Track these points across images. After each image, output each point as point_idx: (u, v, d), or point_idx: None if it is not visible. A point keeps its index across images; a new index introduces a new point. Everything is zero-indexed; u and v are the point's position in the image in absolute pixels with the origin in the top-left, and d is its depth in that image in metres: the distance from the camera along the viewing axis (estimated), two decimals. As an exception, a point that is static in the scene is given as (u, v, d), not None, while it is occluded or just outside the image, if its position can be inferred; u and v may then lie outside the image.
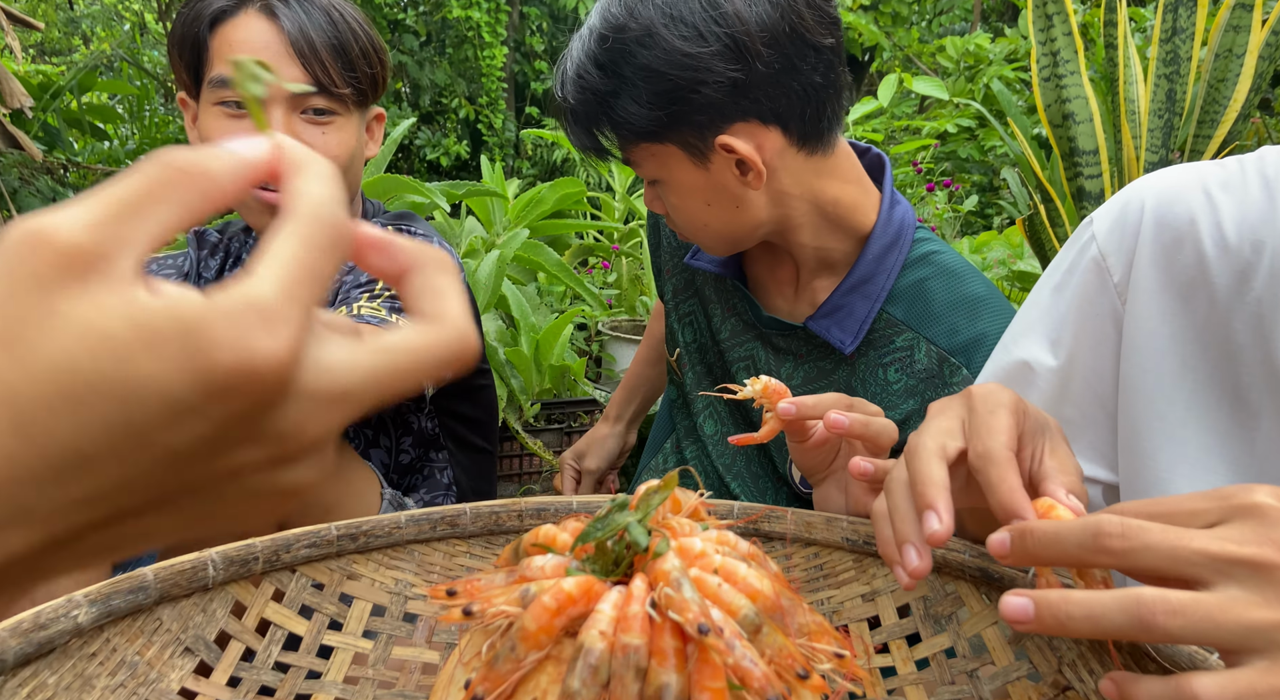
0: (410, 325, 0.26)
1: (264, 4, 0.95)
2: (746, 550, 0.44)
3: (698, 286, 1.10)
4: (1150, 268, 0.65)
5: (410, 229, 1.09)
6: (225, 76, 0.95)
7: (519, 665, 0.37)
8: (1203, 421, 0.62)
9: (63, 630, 0.52)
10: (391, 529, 0.71)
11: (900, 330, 0.94)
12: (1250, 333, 0.60)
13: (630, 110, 0.85)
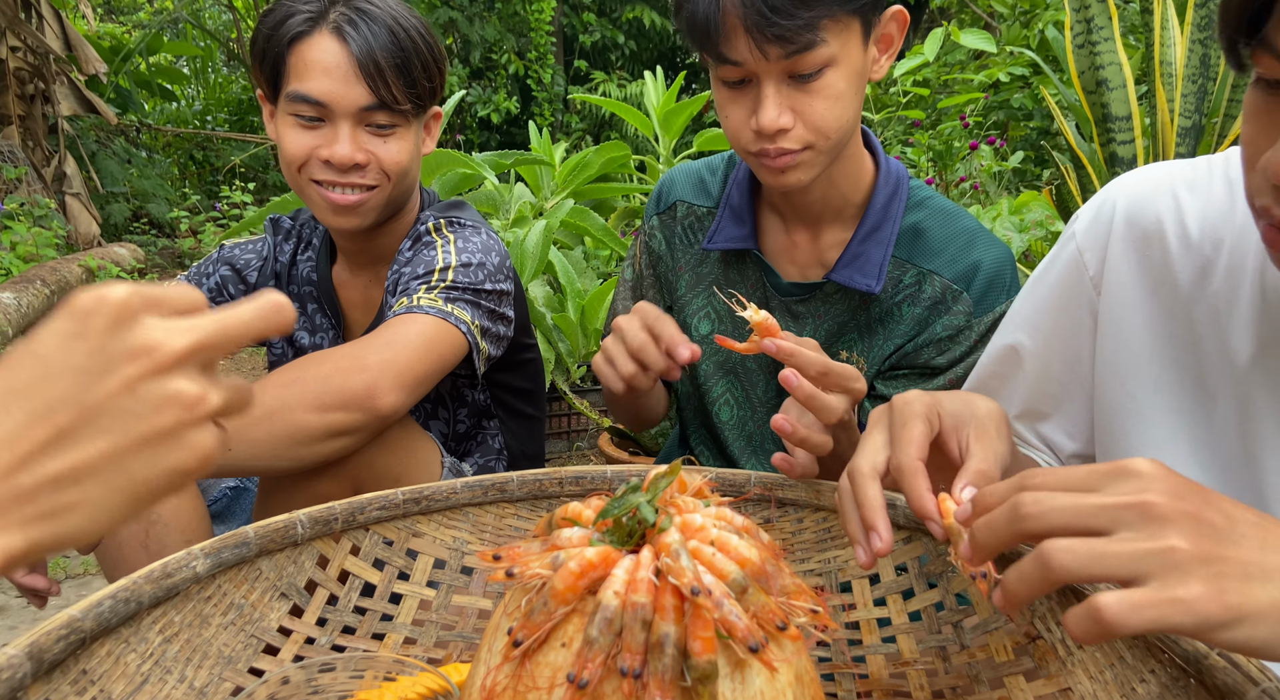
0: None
1: (334, 25, 1.04)
2: (741, 524, 0.53)
3: (711, 277, 1.15)
4: (1122, 262, 0.71)
5: (460, 220, 1.18)
6: (301, 92, 1.05)
7: (550, 617, 0.47)
8: (1168, 401, 0.69)
9: (184, 578, 0.64)
10: (449, 494, 0.81)
11: (906, 268, 1.05)
12: (1209, 323, 0.66)
13: None
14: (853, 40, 0.91)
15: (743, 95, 0.94)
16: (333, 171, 1.08)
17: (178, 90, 7.92)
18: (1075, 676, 0.61)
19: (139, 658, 0.60)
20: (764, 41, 0.86)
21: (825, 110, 0.92)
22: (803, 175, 0.96)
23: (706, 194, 1.15)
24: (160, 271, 5.16)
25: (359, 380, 0.93)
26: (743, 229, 1.09)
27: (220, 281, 1.28)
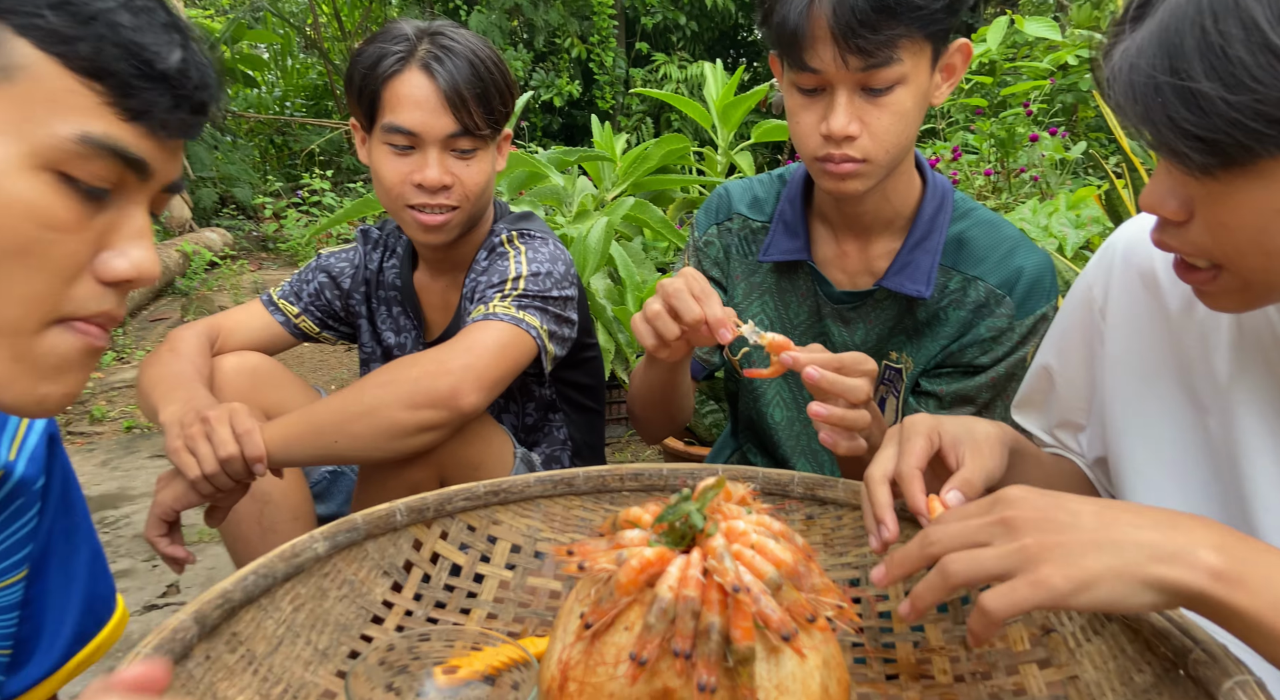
0: None
1: (423, 62, 1.15)
2: (778, 529, 0.61)
3: (767, 288, 1.22)
4: (1123, 296, 0.79)
5: (530, 232, 1.28)
6: (395, 124, 1.16)
7: (616, 605, 0.56)
8: (1167, 417, 0.77)
9: (308, 557, 0.76)
10: (524, 487, 0.92)
11: (952, 275, 1.12)
12: (1197, 347, 0.74)
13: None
14: (923, 63, 0.98)
15: (815, 102, 1.00)
16: (424, 194, 1.19)
17: (259, 76, 8.23)
18: (1082, 666, 0.69)
19: (275, 623, 0.72)
20: (848, 51, 0.93)
21: (890, 124, 0.98)
22: (859, 185, 1.02)
23: (760, 209, 1.22)
24: (246, 255, 5.44)
25: (445, 383, 1.04)
26: (796, 242, 1.16)
27: (319, 287, 1.42)
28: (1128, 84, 0.56)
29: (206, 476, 1.01)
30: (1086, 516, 0.56)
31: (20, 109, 0.50)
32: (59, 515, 0.76)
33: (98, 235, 0.54)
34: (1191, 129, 0.54)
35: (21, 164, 0.50)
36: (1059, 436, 0.93)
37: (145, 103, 0.52)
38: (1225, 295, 0.64)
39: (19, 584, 0.72)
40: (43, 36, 0.49)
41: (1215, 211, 0.58)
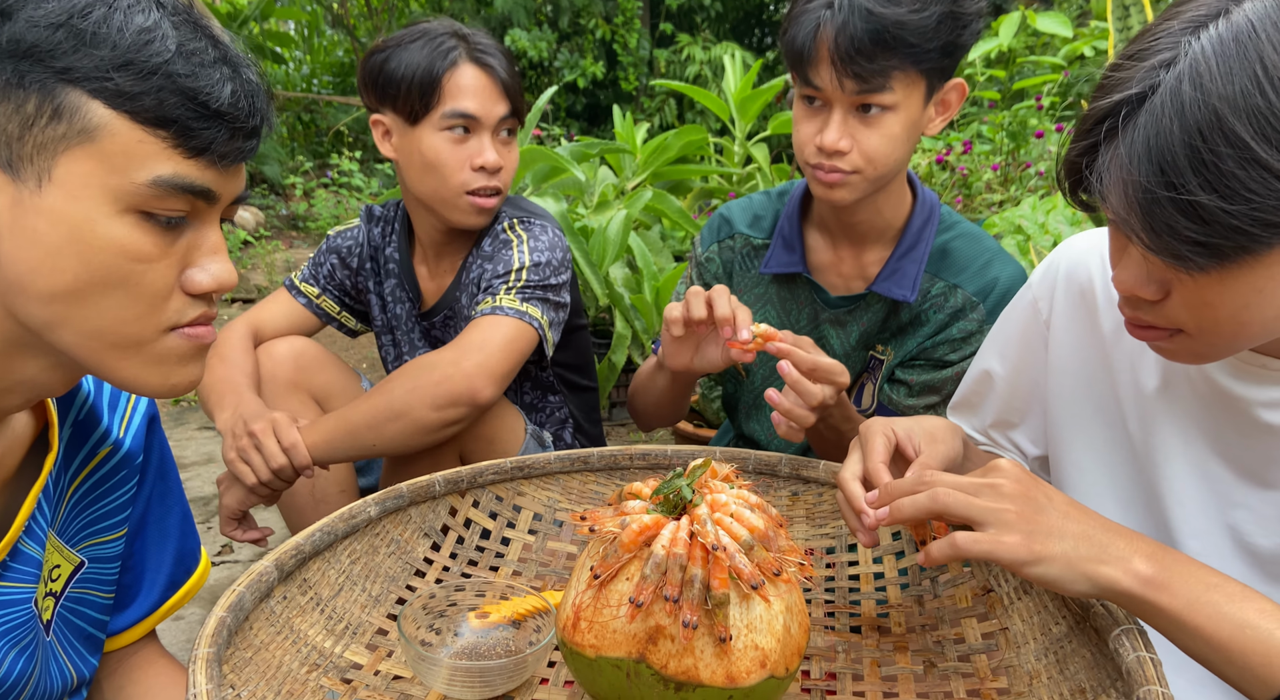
0: None
1: (473, 57, 1.29)
2: (754, 501, 0.74)
3: (768, 296, 1.34)
4: (1065, 309, 0.90)
5: (528, 218, 1.41)
6: (458, 109, 1.29)
7: (619, 560, 0.70)
8: (1100, 420, 0.88)
9: (363, 519, 0.90)
10: (545, 464, 1.06)
11: (935, 281, 1.24)
12: (1125, 362, 0.85)
13: (930, 38, 1.03)
14: (915, 95, 1.09)
15: (816, 114, 1.11)
16: (484, 176, 1.32)
17: (286, 53, 8.35)
18: (1011, 619, 0.81)
19: (336, 573, 0.86)
20: (844, 75, 1.04)
21: (878, 144, 1.09)
22: (846, 194, 1.13)
23: (760, 228, 1.34)
24: (278, 233, 5.61)
25: (463, 383, 1.19)
26: (793, 255, 1.28)
27: (331, 267, 1.54)
28: (1124, 197, 0.60)
29: (262, 483, 1.18)
30: (1058, 504, 0.68)
31: (102, 164, 0.56)
32: (156, 482, 0.90)
33: (180, 257, 0.62)
34: (1193, 236, 0.58)
35: (110, 210, 0.57)
36: (991, 435, 1.04)
37: (205, 140, 0.59)
38: (1182, 353, 0.71)
39: (120, 539, 0.87)
40: (112, 97, 0.55)
41: (1200, 295, 0.63)
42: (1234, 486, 0.79)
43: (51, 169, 0.56)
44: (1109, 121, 0.60)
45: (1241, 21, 0.56)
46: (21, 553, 0.72)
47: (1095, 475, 0.90)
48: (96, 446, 0.82)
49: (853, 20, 1.01)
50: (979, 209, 2.60)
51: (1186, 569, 0.65)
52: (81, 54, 0.54)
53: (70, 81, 0.55)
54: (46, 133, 0.55)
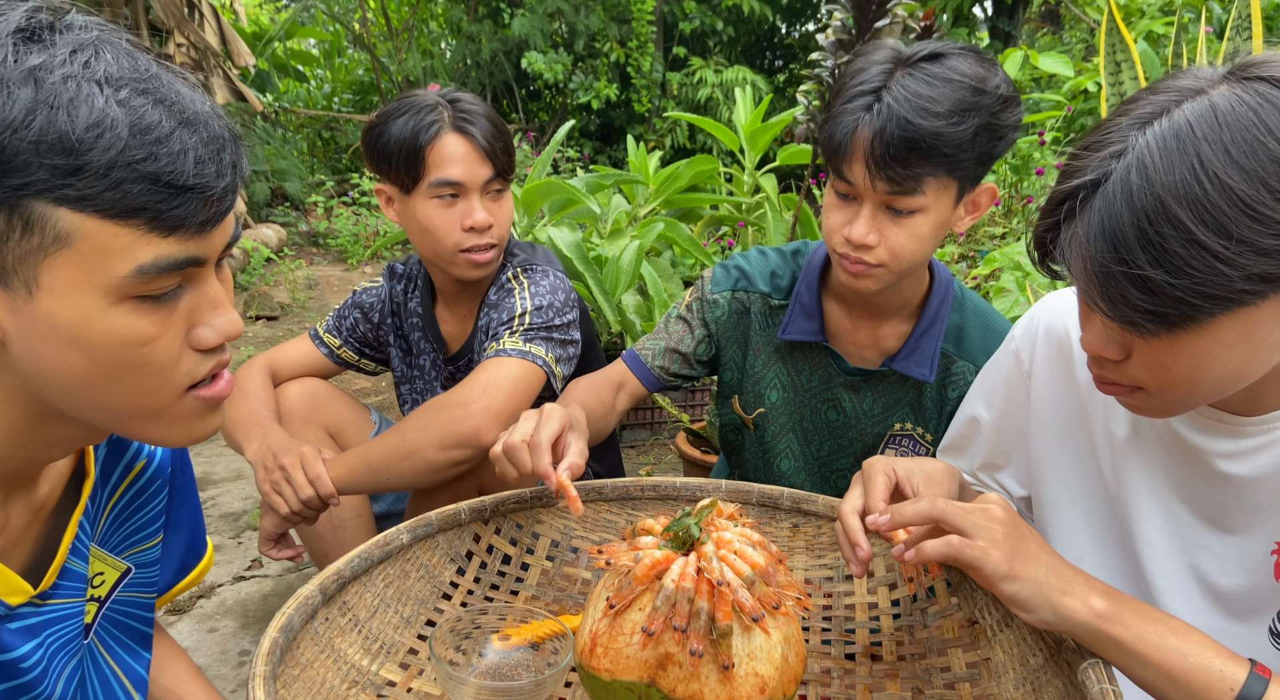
0: None
1: (455, 126, 1.37)
2: (757, 539, 0.81)
3: (782, 356, 1.36)
4: (1045, 361, 0.97)
5: (531, 265, 1.49)
6: (443, 178, 1.37)
7: (633, 592, 0.77)
8: (1076, 464, 0.96)
9: (396, 545, 0.97)
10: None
11: (953, 360, 1.28)
12: (1100, 412, 0.92)
13: (965, 149, 1.03)
14: (946, 198, 1.09)
15: (846, 206, 1.13)
16: (474, 236, 1.40)
17: (309, 72, 8.52)
18: (994, 650, 0.88)
19: (372, 596, 0.94)
20: (876, 178, 1.05)
21: (905, 242, 1.10)
22: (871, 285, 1.16)
23: (778, 289, 1.35)
24: (299, 250, 5.72)
25: (468, 425, 1.25)
26: (813, 324, 1.30)
27: (354, 322, 1.65)
28: (1084, 270, 0.67)
29: (294, 512, 1.27)
30: (1034, 539, 0.77)
31: (83, 264, 0.56)
32: (177, 478, 0.98)
33: (183, 321, 0.63)
34: (1144, 305, 0.65)
35: (103, 305, 0.58)
36: (979, 476, 1.11)
37: (179, 217, 0.58)
38: (1143, 407, 0.78)
39: (159, 545, 0.94)
40: (75, 202, 0.54)
41: (1156, 356, 0.70)
42: (1197, 530, 0.86)
43: (37, 277, 0.56)
44: (1068, 204, 0.68)
45: (1181, 121, 0.63)
46: (69, 570, 0.80)
47: (1074, 516, 0.97)
48: (131, 462, 0.89)
49: (890, 127, 1.02)
50: (981, 241, 2.67)
51: (1135, 606, 0.73)
52: (34, 167, 0.53)
53: (31, 195, 0.54)
54: (22, 246, 0.55)
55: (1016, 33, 7.79)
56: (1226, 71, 0.67)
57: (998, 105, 1.05)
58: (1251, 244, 0.61)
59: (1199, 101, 0.64)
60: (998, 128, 1.06)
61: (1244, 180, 0.60)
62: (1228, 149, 0.61)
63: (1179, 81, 0.67)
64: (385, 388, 3.46)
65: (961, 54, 1.07)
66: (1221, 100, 0.63)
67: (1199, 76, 0.67)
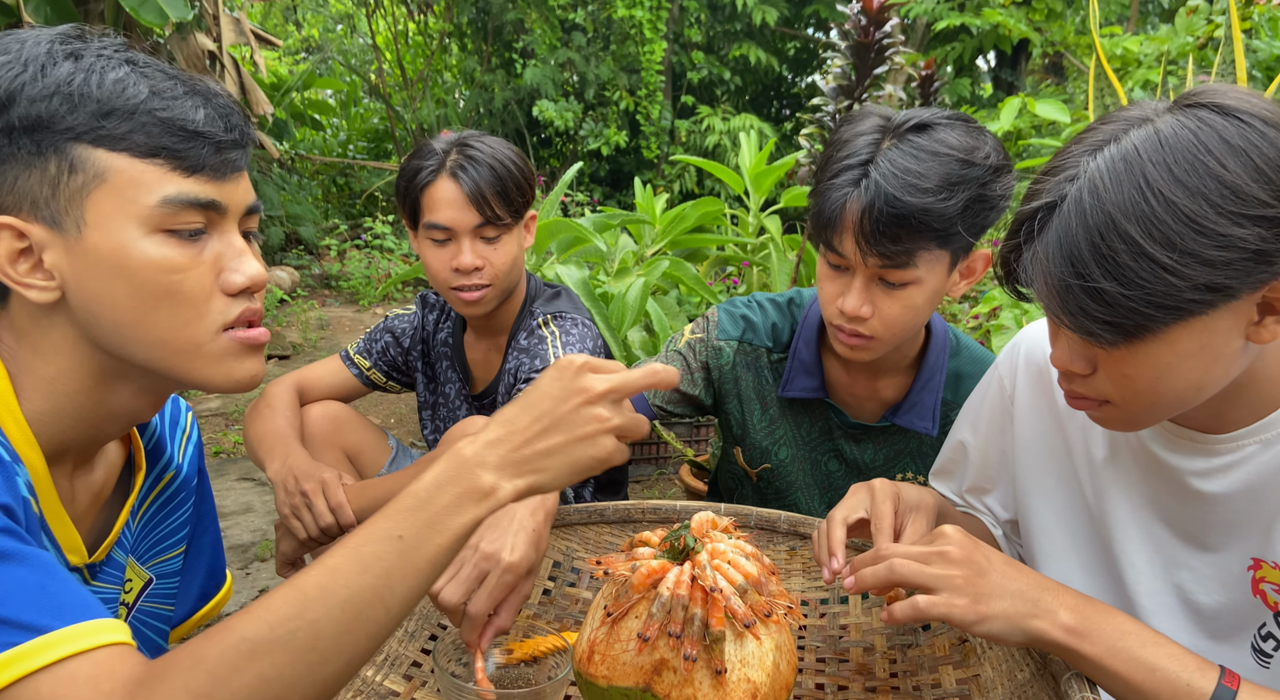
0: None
1: (451, 171, 1.44)
2: (750, 551, 0.84)
3: (786, 413, 1.37)
4: (1026, 388, 1.01)
5: (561, 313, 1.55)
6: (433, 222, 1.44)
7: (630, 600, 0.80)
8: (1059, 487, 0.98)
9: (402, 563, 1.01)
10: (565, 515, 1.16)
11: (953, 407, 1.28)
12: (1079, 434, 0.95)
13: (955, 223, 1.03)
14: (939, 268, 1.09)
15: (839, 277, 1.13)
16: (461, 276, 1.46)
17: (325, 120, 8.75)
18: (983, 667, 0.90)
19: (379, 610, 0.97)
20: (867, 253, 1.05)
21: (899, 314, 1.11)
22: (865, 356, 1.17)
23: (779, 343, 1.36)
24: (312, 292, 5.82)
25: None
26: (813, 381, 1.31)
27: (385, 345, 1.72)
28: (1044, 286, 0.71)
29: (311, 538, 1.30)
30: (996, 565, 0.78)
31: (119, 197, 0.68)
32: (200, 501, 1.02)
33: (212, 265, 0.72)
34: (1100, 316, 0.69)
35: (138, 234, 0.68)
36: (968, 499, 1.13)
37: (195, 158, 0.70)
38: (1112, 420, 0.82)
39: (180, 556, 0.98)
40: (109, 141, 0.67)
41: (1119, 368, 0.74)
42: (1177, 549, 0.89)
43: (84, 214, 0.67)
44: (1027, 225, 0.73)
45: (1129, 146, 0.69)
46: (112, 558, 0.84)
47: (1059, 539, 0.99)
48: (162, 472, 0.93)
49: (878, 204, 1.02)
50: (982, 282, 2.72)
51: (1106, 618, 0.75)
52: (75, 114, 0.66)
53: (74, 138, 0.66)
54: (71, 186, 0.67)
55: (1019, 83, 7.95)
56: (1171, 102, 0.72)
57: (987, 175, 1.04)
58: (1196, 255, 0.65)
59: (1145, 128, 0.69)
60: (988, 198, 1.05)
61: (1187, 196, 0.65)
62: (1171, 169, 0.66)
63: (1128, 112, 0.73)
64: (407, 411, 3.50)
65: (950, 124, 1.06)
66: (1165, 126, 0.68)
67: (1145, 108, 0.72)
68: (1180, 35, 3.46)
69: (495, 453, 0.65)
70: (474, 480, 0.64)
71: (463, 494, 0.64)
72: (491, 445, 0.66)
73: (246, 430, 1.50)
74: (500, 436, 0.66)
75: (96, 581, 0.82)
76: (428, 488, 0.64)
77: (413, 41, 9.22)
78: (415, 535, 0.63)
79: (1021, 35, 4.15)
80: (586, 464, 0.68)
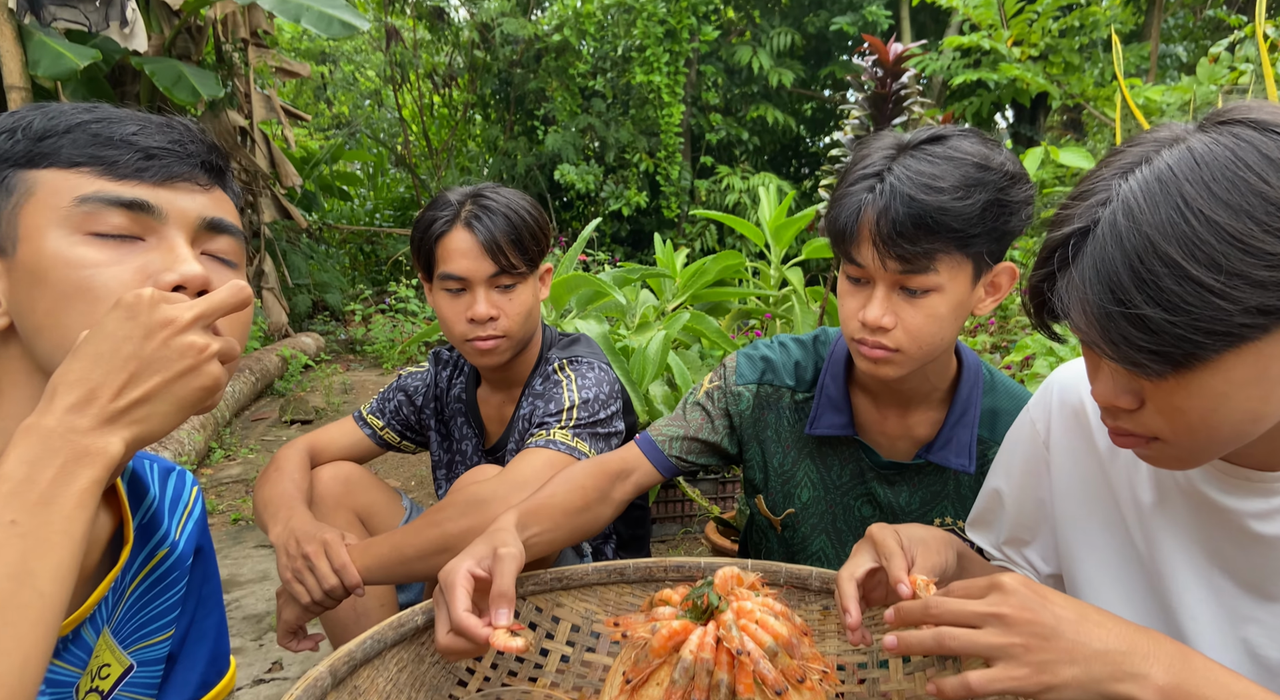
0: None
1: (465, 221, 1.42)
2: (779, 610, 0.78)
3: (811, 452, 1.30)
4: (1061, 432, 0.94)
5: (577, 357, 1.51)
6: (447, 272, 1.42)
7: (650, 665, 0.74)
8: (1107, 536, 0.91)
9: (410, 627, 0.95)
10: (583, 576, 1.10)
11: (990, 445, 1.21)
12: (1123, 479, 0.88)
13: (975, 225, 1.00)
14: (962, 277, 1.05)
15: (859, 291, 1.09)
16: (476, 327, 1.44)
17: (352, 191, 8.98)
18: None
19: (385, 681, 0.90)
20: (886, 256, 1.02)
21: (923, 324, 1.06)
22: (891, 371, 1.10)
23: (803, 382, 1.30)
24: (336, 357, 5.87)
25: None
26: (841, 417, 1.25)
27: (398, 404, 1.69)
28: (1082, 314, 0.66)
29: (316, 602, 1.25)
30: (1066, 625, 0.68)
31: (43, 205, 0.67)
32: (202, 582, 0.97)
33: (139, 268, 0.69)
34: (1146, 345, 0.63)
35: (56, 236, 0.67)
36: (1006, 551, 1.05)
37: (123, 164, 0.69)
38: (1163, 458, 0.75)
39: (167, 641, 0.92)
40: (38, 160, 0.68)
41: (1169, 400, 0.68)
42: (1240, 600, 0.80)
43: (16, 231, 0.67)
44: (1060, 252, 0.68)
45: (1162, 165, 0.64)
46: (80, 638, 0.78)
47: (1110, 593, 0.91)
48: (156, 548, 0.88)
49: (894, 205, 1.00)
50: (1014, 331, 2.65)
51: (1209, 675, 0.65)
52: (16, 145, 0.68)
53: (10, 166, 0.68)
54: (5, 209, 0.67)
55: (1038, 138, 7.98)
56: (1200, 122, 0.68)
57: (1004, 180, 1.02)
58: (1245, 276, 0.60)
59: (1177, 148, 0.65)
60: (1007, 203, 1.02)
61: (1230, 215, 0.60)
62: (1209, 186, 0.61)
63: (1156, 134, 0.69)
64: (428, 472, 3.45)
65: (963, 135, 1.05)
66: (1199, 144, 0.64)
67: (1174, 128, 0.68)
68: (1204, 84, 3.44)
69: (85, 416, 0.60)
70: (74, 447, 0.59)
71: (67, 462, 0.59)
72: (75, 410, 0.60)
73: (255, 496, 1.46)
74: (80, 398, 0.60)
75: (57, 660, 0.76)
76: (17, 471, 0.58)
77: (438, 113, 9.51)
78: (31, 517, 0.58)
79: (1040, 88, 4.15)
80: (195, 398, 0.64)
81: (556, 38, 7.78)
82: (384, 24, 8.09)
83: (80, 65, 3.49)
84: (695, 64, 8.25)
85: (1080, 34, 5.38)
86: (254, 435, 4.08)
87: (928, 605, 0.73)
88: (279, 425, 4.23)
